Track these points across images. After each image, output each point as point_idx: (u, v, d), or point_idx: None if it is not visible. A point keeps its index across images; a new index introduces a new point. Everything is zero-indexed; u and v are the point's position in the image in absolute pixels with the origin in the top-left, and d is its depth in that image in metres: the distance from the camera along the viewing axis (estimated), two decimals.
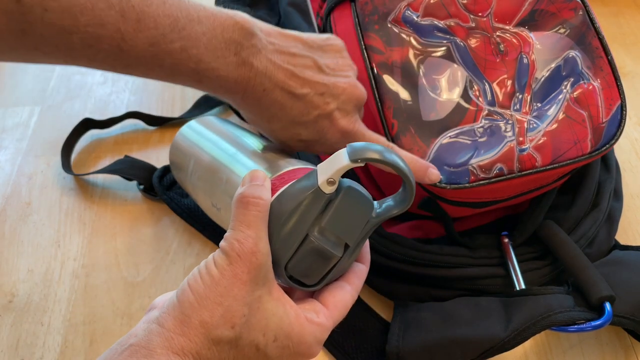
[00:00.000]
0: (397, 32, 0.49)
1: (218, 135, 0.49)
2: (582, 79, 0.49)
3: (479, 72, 0.49)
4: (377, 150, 0.34)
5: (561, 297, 0.48)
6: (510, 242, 0.53)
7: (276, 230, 0.35)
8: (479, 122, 0.47)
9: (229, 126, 0.50)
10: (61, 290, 0.57)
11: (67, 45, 0.33)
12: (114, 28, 0.34)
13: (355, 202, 0.36)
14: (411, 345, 0.47)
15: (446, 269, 0.52)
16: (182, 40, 0.36)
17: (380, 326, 0.53)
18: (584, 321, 0.46)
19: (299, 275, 0.36)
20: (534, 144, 0.47)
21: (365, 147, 0.34)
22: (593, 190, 0.55)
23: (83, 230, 0.63)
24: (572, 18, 0.50)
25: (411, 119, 0.47)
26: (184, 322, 0.32)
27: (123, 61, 0.36)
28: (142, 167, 0.65)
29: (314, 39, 0.43)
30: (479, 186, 0.46)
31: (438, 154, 0.47)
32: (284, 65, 0.40)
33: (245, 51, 0.39)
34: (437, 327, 0.48)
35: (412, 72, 0.48)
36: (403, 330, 0.49)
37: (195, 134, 0.51)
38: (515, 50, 0.49)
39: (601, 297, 0.46)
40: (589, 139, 0.47)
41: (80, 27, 0.33)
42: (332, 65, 0.43)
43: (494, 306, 0.49)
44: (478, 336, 0.46)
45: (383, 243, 0.52)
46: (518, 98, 0.48)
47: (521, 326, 0.46)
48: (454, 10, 0.50)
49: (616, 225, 0.56)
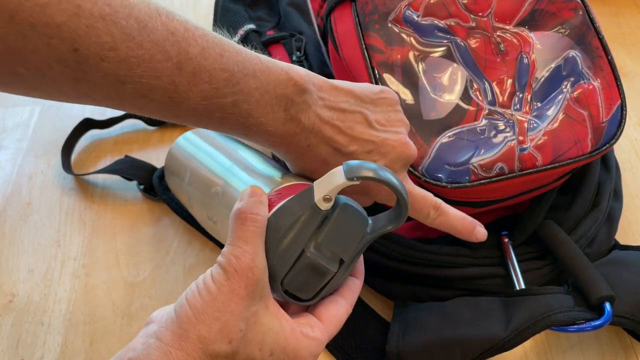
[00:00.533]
0: (397, 32, 0.49)
1: (214, 148, 0.48)
2: (582, 79, 0.49)
3: (479, 71, 0.49)
4: (372, 168, 0.35)
5: (561, 297, 0.48)
6: (510, 241, 0.53)
7: (273, 246, 0.35)
8: (479, 121, 0.47)
9: (225, 138, 0.50)
10: (61, 290, 0.57)
11: (119, 95, 0.32)
12: (168, 80, 0.33)
13: (351, 218, 0.36)
14: (411, 345, 0.47)
15: (446, 269, 0.52)
16: (235, 95, 0.35)
17: (380, 326, 0.53)
18: (583, 321, 0.46)
19: (295, 289, 0.37)
20: (535, 143, 0.47)
21: (361, 165, 0.34)
22: (593, 190, 0.55)
23: (83, 230, 0.62)
24: (572, 18, 0.50)
25: (412, 118, 0.47)
26: (181, 336, 0.32)
27: (173, 112, 0.35)
28: (142, 167, 0.65)
29: (367, 92, 0.42)
30: (479, 185, 0.46)
31: (439, 152, 0.47)
32: (333, 121, 0.39)
33: (295, 107, 0.38)
34: (437, 327, 0.48)
35: (412, 72, 0.48)
36: (403, 330, 0.49)
37: (191, 145, 0.51)
38: (515, 50, 0.49)
39: (601, 297, 0.46)
40: (589, 138, 0.48)
41: (134, 77, 0.32)
42: (382, 121, 0.42)
43: (493, 306, 0.49)
44: (478, 336, 0.46)
45: (383, 243, 0.52)
46: (518, 98, 0.48)
47: (521, 326, 0.46)
48: (455, 10, 0.50)
49: (616, 225, 0.56)
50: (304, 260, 0.36)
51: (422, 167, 0.46)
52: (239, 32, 0.66)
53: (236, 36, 0.65)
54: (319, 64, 0.62)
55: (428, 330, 0.48)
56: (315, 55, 0.63)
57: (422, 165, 0.46)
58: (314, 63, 0.62)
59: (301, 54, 0.63)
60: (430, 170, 0.46)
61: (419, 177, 0.46)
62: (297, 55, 0.63)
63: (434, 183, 0.46)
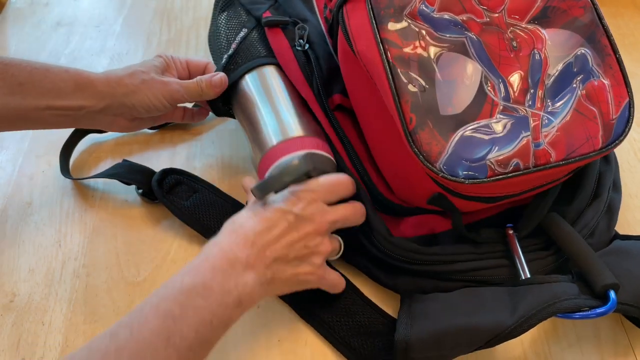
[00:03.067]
0: (413, 26, 0.49)
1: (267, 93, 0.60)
2: (592, 76, 0.50)
3: (493, 67, 0.49)
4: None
5: (566, 285, 0.49)
6: (515, 233, 0.54)
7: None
8: (494, 117, 0.48)
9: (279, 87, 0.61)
10: (62, 289, 0.57)
11: None
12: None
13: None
14: (419, 334, 0.48)
15: (450, 264, 0.53)
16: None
17: (385, 321, 0.54)
18: (588, 308, 0.47)
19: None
20: (549, 139, 0.48)
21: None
22: (594, 182, 0.57)
23: (84, 230, 0.62)
24: (581, 16, 0.51)
25: (429, 113, 0.47)
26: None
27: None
28: (141, 171, 0.64)
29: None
30: (496, 181, 0.47)
31: (456, 148, 0.47)
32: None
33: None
34: (445, 316, 0.49)
35: (428, 66, 0.48)
36: (411, 320, 0.49)
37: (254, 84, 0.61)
38: (528, 47, 0.50)
39: (605, 284, 0.48)
40: (600, 135, 0.49)
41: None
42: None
43: (500, 295, 0.50)
44: (485, 324, 0.47)
45: (386, 246, 0.53)
46: (531, 94, 0.49)
47: (527, 313, 0.46)
48: (469, 6, 0.50)
49: (616, 216, 0.57)
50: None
51: (440, 162, 0.46)
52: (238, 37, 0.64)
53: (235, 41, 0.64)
54: (324, 54, 0.61)
55: (436, 320, 0.48)
56: (321, 45, 0.61)
57: (440, 161, 0.46)
58: (320, 53, 0.60)
59: (304, 42, 0.61)
60: (449, 166, 0.46)
61: (437, 173, 0.46)
62: (301, 44, 0.61)
63: (451, 179, 0.46)
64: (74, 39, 0.85)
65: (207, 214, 0.60)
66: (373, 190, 0.57)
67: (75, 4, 0.92)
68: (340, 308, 0.54)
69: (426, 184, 0.51)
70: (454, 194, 0.50)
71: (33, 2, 0.93)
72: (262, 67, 0.61)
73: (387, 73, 0.48)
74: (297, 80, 0.60)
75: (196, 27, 0.87)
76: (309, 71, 0.60)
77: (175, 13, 0.89)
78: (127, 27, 0.88)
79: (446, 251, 0.53)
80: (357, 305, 0.55)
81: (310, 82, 0.60)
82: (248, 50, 0.63)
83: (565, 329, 0.54)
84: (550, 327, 0.55)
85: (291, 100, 0.59)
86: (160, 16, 0.89)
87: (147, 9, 0.91)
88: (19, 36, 0.86)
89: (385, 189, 0.58)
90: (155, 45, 0.84)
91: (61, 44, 0.84)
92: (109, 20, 0.89)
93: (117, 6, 0.92)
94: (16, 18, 0.89)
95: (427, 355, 0.47)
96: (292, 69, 0.60)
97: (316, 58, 0.60)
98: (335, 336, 0.53)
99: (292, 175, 0.49)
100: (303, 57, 0.61)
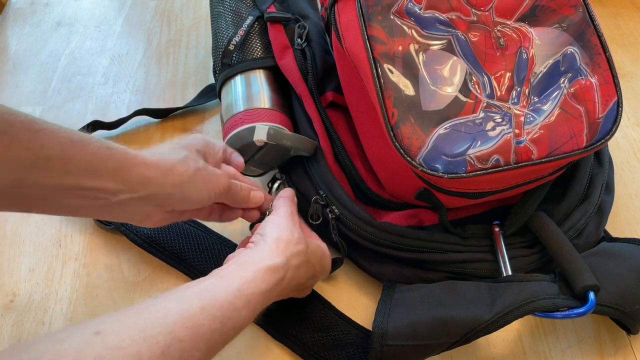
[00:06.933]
0: (399, 24, 0.50)
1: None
2: (580, 75, 0.49)
3: (479, 65, 0.49)
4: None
5: (546, 284, 0.49)
6: (501, 231, 0.54)
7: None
8: (477, 113, 0.48)
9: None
10: (62, 289, 0.58)
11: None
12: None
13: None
14: (396, 323, 0.48)
15: (436, 254, 0.53)
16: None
17: (358, 332, 0.54)
18: (567, 308, 0.47)
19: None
20: (531, 136, 0.48)
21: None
22: (585, 184, 0.56)
23: (84, 230, 0.63)
24: (572, 15, 0.51)
25: (411, 109, 0.48)
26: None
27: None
28: None
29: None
30: (475, 176, 0.47)
31: (436, 143, 0.47)
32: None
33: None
34: (423, 307, 0.49)
35: (413, 63, 0.49)
36: (390, 309, 0.50)
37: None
38: (515, 45, 0.50)
39: (585, 286, 0.47)
40: (585, 133, 0.48)
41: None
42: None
43: (480, 290, 0.50)
44: (463, 317, 0.47)
45: (372, 232, 0.53)
46: (517, 91, 0.49)
47: (504, 309, 0.47)
48: (456, 4, 0.50)
49: (606, 218, 0.57)
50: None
51: (420, 157, 0.47)
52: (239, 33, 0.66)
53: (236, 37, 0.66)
54: (321, 52, 0.62)
55: (414, 310, 0.49)
56: (319, 42, 0.63)
57: (420, 156, 0.47)
58: (317, 51, 0.62)
59: (302, 41, 0.63)
60: (428, 160, 0.47)
61: (416, 167, 0.47)
62: (299, 43, 0.63)
63: (430, 173, 0.47)
64: (74, 39, 0.86)
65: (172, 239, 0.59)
66: (361, 185, 0.58)
67: (76, 4, 0.93)
68: (315, 325, 0.55)
69: (412, 179, 0.52)
70: (437, 190, 0.51)
71: (33, 2, 0.94)
72: (254, 70, 0.64)
73: (372, 68, 0.49)
74: (294, 77, 0.61)
75: (196, 27, 0.87)
76: (305, 69, 0.61)
77: (175, 13, 0.90)
78: (127, 27, 0.88)
79: (433, 238, 0.53)
80: (330, 320, 0.55)
81: (306, 80, 0.61)
82: (249, 49, 0.65)
83: (565, 330, 0.54)
84: (551, 328, 0.54)
85: (268, 87, 0.63)
86: (160, 16, 0.90)
87: (147, 9, 0.91)
88: (19, 36, 0.87)
89: (375, 184, 0.58)
90: (155, 45, 0.85)
91: (61, 44, 0.86)
92: (109, 20, 0.90)
93: (117, 6, 0.93)
94: (16, 18, 0.90)
95: (403, 345, 0.47)
96: (289, 67, 0.62)
97: (313, 56, 0.61)
98: (310, 352, 0.53)
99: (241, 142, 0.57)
100: (301, 55, 0.62)
